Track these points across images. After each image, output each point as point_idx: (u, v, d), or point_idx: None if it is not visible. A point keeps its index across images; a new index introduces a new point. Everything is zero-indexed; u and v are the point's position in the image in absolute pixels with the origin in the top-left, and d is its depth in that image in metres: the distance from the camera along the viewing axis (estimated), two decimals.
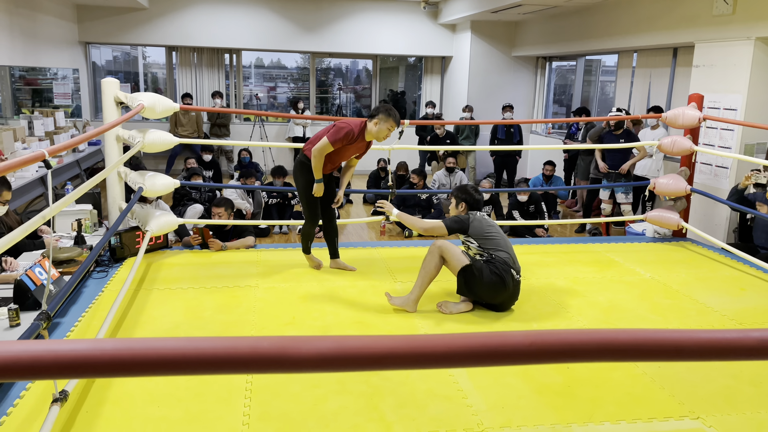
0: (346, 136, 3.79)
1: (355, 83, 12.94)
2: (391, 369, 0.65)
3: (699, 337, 0.70)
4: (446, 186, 7.96)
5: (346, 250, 5.02)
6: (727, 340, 0.68)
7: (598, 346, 0.64)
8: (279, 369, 0.63)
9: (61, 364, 0.63)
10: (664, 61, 7.41)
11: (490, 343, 0.60)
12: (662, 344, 0.68)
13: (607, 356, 0.67)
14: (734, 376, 3.02)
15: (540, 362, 0.68)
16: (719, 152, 5.59)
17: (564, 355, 0.66)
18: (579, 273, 4.60)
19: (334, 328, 3.44)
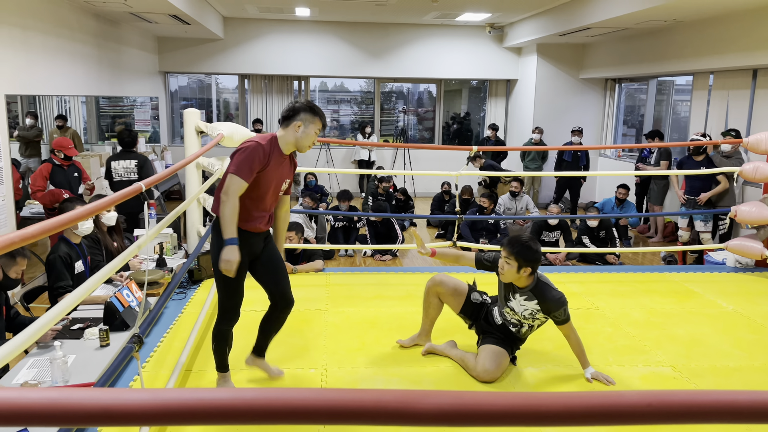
0: (255, 156, 2.67)
1: (417, 105, 13.05)
2: (508, 425, 0.66)
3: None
4: (511, 210, 7.87)
5: (412, 275, 5.04)
6: None
7: (720, 408, 0.63)
8: (401, 422, 0.66)
9: (215, 411, 0.69)
10: (743, 83, 7.11)
11: (607, 403, 0.60)
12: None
13: (729, 418, 0.66)
14: None
15: (658, 423, 0.68)
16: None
17: (684, 416, 0.66)
18: (656, 304, 4.44)
19: (404, 354, 3.45)
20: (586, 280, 5.03)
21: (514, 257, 3.02)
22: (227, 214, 2.63)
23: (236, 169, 2.64)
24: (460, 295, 3.42)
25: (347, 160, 11.25)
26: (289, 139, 2.80)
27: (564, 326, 3.12)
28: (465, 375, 3.23)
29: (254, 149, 2.69)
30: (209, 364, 3.29)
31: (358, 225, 7.39)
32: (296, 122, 2.78)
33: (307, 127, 2.80)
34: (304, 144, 2.81)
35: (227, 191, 2.64)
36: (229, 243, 2.61)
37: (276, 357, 3.37)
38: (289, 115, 2.80)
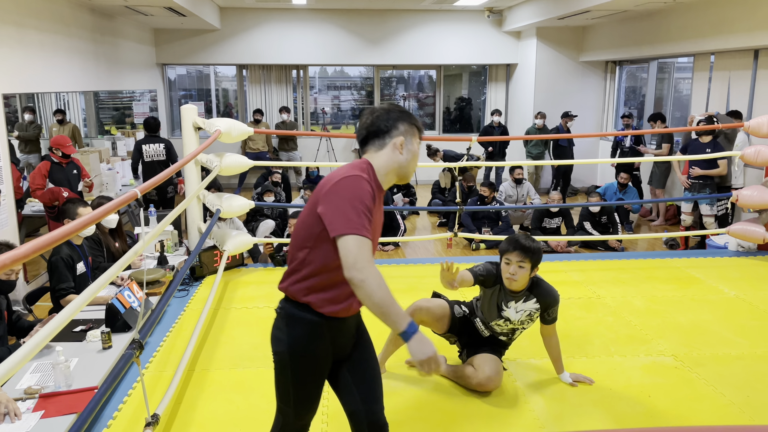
0: (365, 195, 1.77)
1: (417, 89, 12.97)
2: None
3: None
4: (513, 197, 7.85)
5: (414, 267, 5.04)
6: None
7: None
8: None
9: None
10: (744, 63, 7.04)
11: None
12: None
13: None
14: None
15: None
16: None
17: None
18: (657, 291, 4.44)
19: (406, 349, 3.46)
20: (588, 268, 5.03)
21: (530, 261, 2.83)
22: (380, 295, 1.67)
23: (352, 226, 1.70)
24: (445, 316, 3.14)
25: (348, 149, 11.22)
26: (391, 166, 1.89)
27: (550, 326, 3.00)
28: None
29: (360, 186, 1.77)
30: (212, 363, 3.31)
31: None
32: (396, 139, 1.89)
33: (411, 143, 1.92)
34: (412, 169, 1.94)
35: (356, 265, 1.67)
36: (412, 330, 1.69)
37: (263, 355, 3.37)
38: (380, 130, 1.89)
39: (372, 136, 1.91)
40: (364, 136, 1.93)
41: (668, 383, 3.12)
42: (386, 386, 2.91)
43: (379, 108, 1.94)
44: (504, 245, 2.90)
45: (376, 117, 1.90)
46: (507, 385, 3.08)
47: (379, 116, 1.90)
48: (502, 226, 7.17)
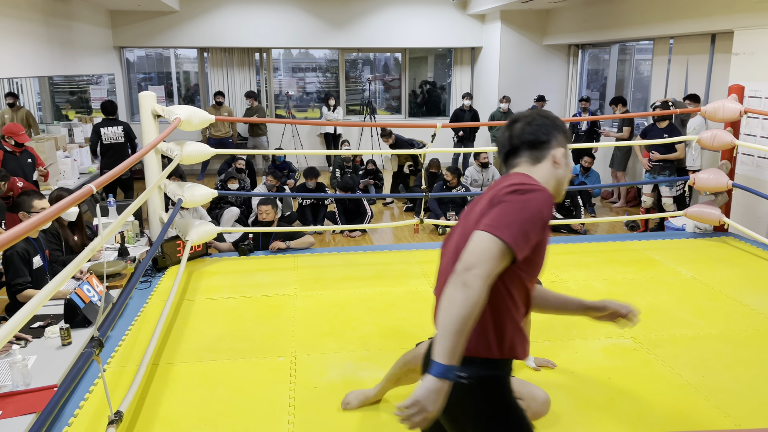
0: (543, 213, 1.55)
1: (383, 72, 12.89)
2: None
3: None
4: (479, 181, 7.90)
5: (381, 254, 5.05)
6: None
7: None
8: None
9: None
10: (702, 47, 7.19)
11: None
12: None
13: None
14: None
15: None
16: (761, 146, 5.42)
17: None
18: (618, 274, 4.54)
19: (373, 338, 3.48)
20: (551, 252, 5.04)
21: None
22: (466, 313, 1.40)
23: (509, 233, 1.46)
24: None
25: (313, 133, 11.11)
26: (550, 182, 1.68)
27: None
28: None
29: (544, 201, 1.55)
30: (177, 357, 3.27)
31: (326, 202, 7.35)
32: (556, 151, 1.68)
33: (566, 155, 1.72)
34: (566, 185, 1.74)
35: (474, 268, 1.43)
36: (447, 375, 1.41)
37: (244, 348, 3.36)
38: (539, 141, 1.68)
39: (526, 147, 1.68)
40: (515, 146, 1.69)
41: (627, 365, 3.21)
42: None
43: (533, 114, 1.72)
44: None
45: (535, 126, 1.68)
46: None
47: (538, 125, 1.68)
48: None
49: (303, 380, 3.01)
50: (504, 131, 1.74)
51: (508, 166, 1.74)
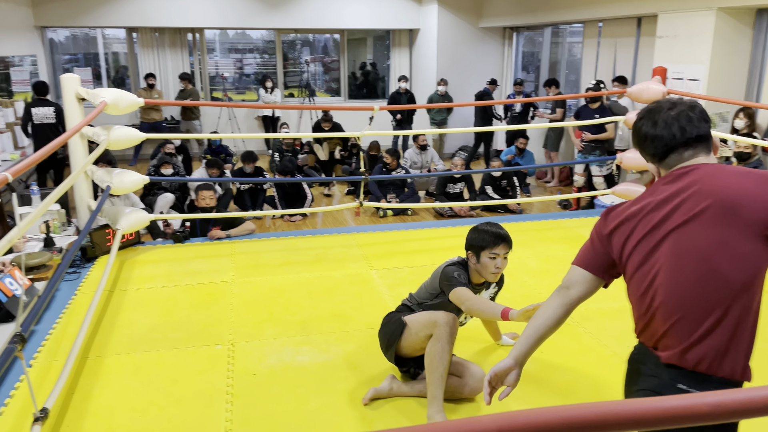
0: None
1: (323, 53, 12.74)
2: None
3: (663, 406, 0.75)
4: (418, 163, 7.97)
5: (321, 238, 5.03)
6: (680, 407, 0.73)
7: (563, 424, 0.68)
8: None
9: None
10: (629, 31, 7.45)
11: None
12: (634, 416, 0.72)
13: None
14: None
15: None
16: None
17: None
18: (550, 251, 4.69)
19: (313, 322, 3.47)
20: None
21: (510, 249, 2.73)
22: None
23: None
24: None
25: (250, 116, 10.89)
26: None
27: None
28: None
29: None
30: (108, 349, 3.17)
31: (265, 186, 7.24)
32: (715, 139, 1.64)
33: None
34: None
35: None
36: None
37: (180, 338, 3.29)
38: (709, 131, 1.60)
39: (704, 140, 1.56)
40: (695, 137, 1.55)
41: (558, 338, 3.29)
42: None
43: (692, 101, 1.61)
44: (487, 240, 2.63)
45: (705, 115, 1.58)
46: None
47: (701, 111, 1.58)
48: (408, 192, 7.28)
49: (241, 367, 2.99)
50: (674, 123, 1.55)
51: (677, 160, 1.57)
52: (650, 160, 1.64)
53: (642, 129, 1.61)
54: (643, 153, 1.65)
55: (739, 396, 0.75)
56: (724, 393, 0.75)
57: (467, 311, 2.60)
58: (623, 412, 0.73)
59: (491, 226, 2.74)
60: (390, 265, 4.36)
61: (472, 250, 2.71)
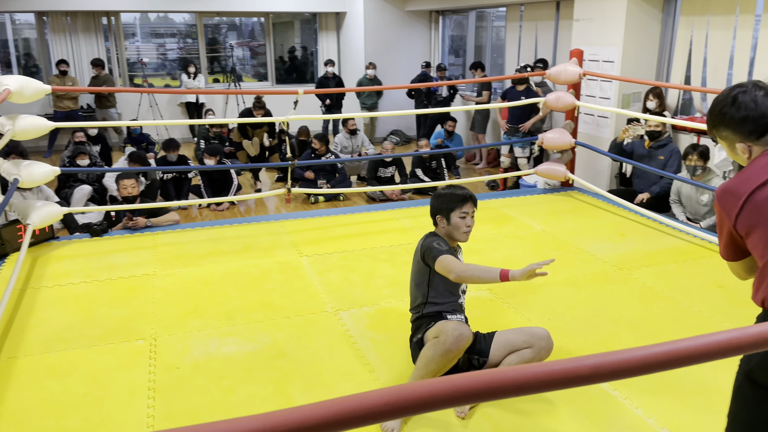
0: None
1: (249, 37, 12.43)
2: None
3: (546, 370, 0.77)
4: (348, 148, 7.94)
5: (248, 226, 4.95)
6: (564, 370, 0.76)
7: (451, 393, 0.70)
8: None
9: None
10: (548, 14, 7.65)
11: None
12: (531, 378, 0.75)
13: (487, 396, 0.73)
14: (614, 321, 3.30)
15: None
16: (599, 106, 5.92)
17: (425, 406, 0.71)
18: (477, 231, 4.74)
19: (239, 312, 3.42)
20: (417, 214, 5.28)
21: (476, 207, 2.75)
22: None
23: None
24: None
25: (173, 103, 10.52)
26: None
27: None
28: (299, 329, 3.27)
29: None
30: (21, 350, 3.01)
31: (190, 175, 7.03)
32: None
33: None
34: None
35: None
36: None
37: (97, 335, 3.16)
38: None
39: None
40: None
41: (484, 315, 3.42)
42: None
43: (762, 83, 1.69)
44: (456, 200, 2.64)
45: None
46: (338, 338, 3.17)
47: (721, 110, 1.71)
48: (339, 177, 7.25)
49: (164, 362, 2.90)
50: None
51: (757, 144, 1.67)
52: (745, 140, 1.67)
53: (740, 110, 1.66)
54: (733, 134, 1.68)
55: (616, 357, 0.78)
56: (603, 355, 0.78)
57: (457, 279, 2.51)
58: (509, 379, 0.75)
59: (454, 188, 2.74)
60: (320, 251, 4.34)
61: (441, 214, 2.70)
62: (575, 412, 2.52)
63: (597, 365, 0.77)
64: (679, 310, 3.44)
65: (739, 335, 0.82)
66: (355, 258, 4.22)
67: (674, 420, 2.46)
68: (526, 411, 2.54)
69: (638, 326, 3.26)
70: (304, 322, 3.28)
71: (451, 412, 2.56)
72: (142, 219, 4.80)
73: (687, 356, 0.80)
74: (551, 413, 2.52)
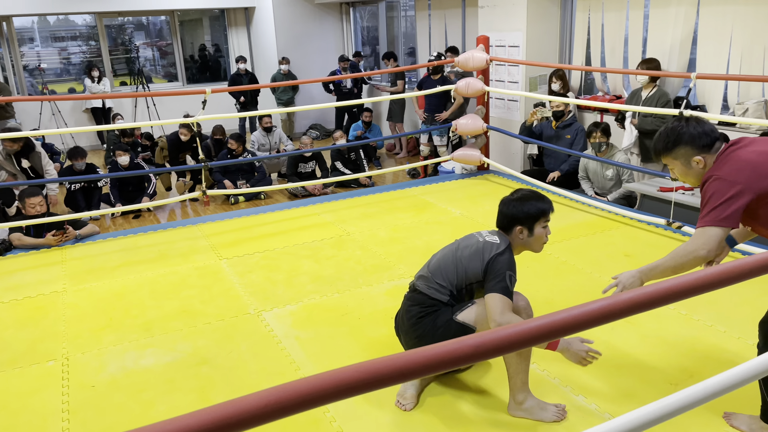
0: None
1: (158, 37, 11.95)
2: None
3: (428, 354, 0.79)
4: (266, 146, 7.82)
5: (164, 233, 4.79)
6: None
7: (334, 387, 0.70)
8: None
9: None
10: (455, 2, 7.80)
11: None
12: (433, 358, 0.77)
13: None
14: (531, 298, 3.42)
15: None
16: (508, 90, 6.11)
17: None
18: (398, 220, 4.85)
19: (157, 322, 3.30)
20: (339, 208, 5.28)
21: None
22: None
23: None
24: None
25: (78, 109, 10.00)
26: None
27: None
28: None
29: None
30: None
31: (100, 184, 6.71)
32: None
33: None
34: None
35: None
36: None
37: (4, 359, 2.98)
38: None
39: None
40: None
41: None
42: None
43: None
44: (543, 207, 2.41)
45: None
46: (261, 339, 3.13)
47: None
48: (258, 176, 7.12)
49: (78, 381, 2.77)
50: (704, 124, 2.15)
51: (718, 145, 2.12)
52: (700, 152, 2.08)
53: (695, 127, 2.09)
54: (691, 149, 2.08)
55: (497, 335, 0.81)
56: (483, 335, 0.81)
57: (497, 326, 2.19)
58: (392, 366, 0.76)
59: (532, 195, 2.46)
60: (240, 253, 4.26)
61: (523, 224, 2.40)
62: (490, 377, 2.60)
63: (478, 344, 0.79)
64: (590, 281, 3.61)
65: (608, 303, 0.87)
66: (276, 257, 4.17)
67: (589, 386, 2.58)
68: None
69: (553, 301, 3.40)
70: (226, 327, 3.22)
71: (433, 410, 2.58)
72: (72, 230, 4.57)
73: (562, 327, 0.84)
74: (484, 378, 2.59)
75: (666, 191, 4.40)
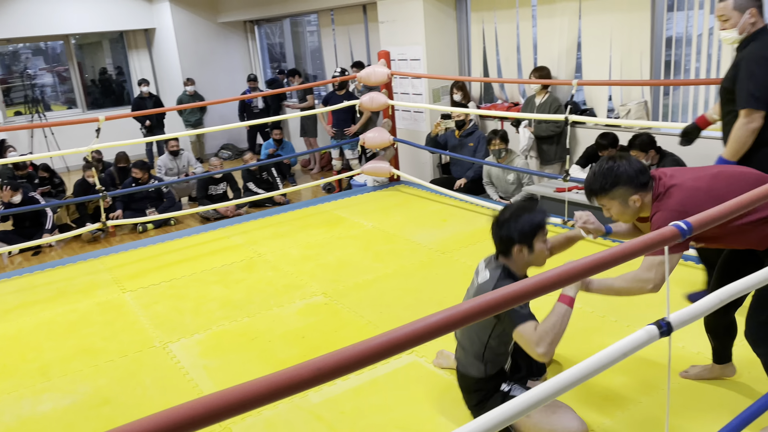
0: None
1: (55, 62, 11.37)
2: None
3: (271, 380, 0.80)
4: (173, 170, 7.61)
5: (63, 269, 4.55)
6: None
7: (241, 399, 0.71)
8: None
9: None
10: (357, 18, 7.91)
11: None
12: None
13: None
14: (439, 303, 3.51)
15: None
16: (412, 103, 6.26)
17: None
18: (310, 237, 4.84)
19: (54, 365, 3.14)
20: (250, 229, 5.21)
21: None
22: None
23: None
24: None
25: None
26: None
27: None
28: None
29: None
30: None
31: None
32: None
33: None
34: None
35: None
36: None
37: None
38: None
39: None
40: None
41: (319, 320, 3.47)
42: None
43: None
44: (539, 223, 2.20)
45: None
46: (167, 372, 3.03)
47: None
48: (167, 202, 6.91)
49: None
50: (635, 162, 2.18)
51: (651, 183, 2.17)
52: (638, 191, 2.11)
53: (632, 165, 2.12)
54: (629, 188, 2.11)
55: (337, 356, 0.84)
56: (325, 357, 0.84)
57: (545, 354, 1.99)
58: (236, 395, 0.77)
59: (524, 208, 2.26)
60: (145, 284, 4.12)
61: (522, 242, 2.19)
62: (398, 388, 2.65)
63: (320, 367, 0.82)
64: None
65: (449, 314, 0.91)
66: (184, 285, 4.06)
67: None
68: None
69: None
70: (130, 363, 3.10)
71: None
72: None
73: (404, 341, 0.88)
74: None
75: (561, 191, 4.63)
